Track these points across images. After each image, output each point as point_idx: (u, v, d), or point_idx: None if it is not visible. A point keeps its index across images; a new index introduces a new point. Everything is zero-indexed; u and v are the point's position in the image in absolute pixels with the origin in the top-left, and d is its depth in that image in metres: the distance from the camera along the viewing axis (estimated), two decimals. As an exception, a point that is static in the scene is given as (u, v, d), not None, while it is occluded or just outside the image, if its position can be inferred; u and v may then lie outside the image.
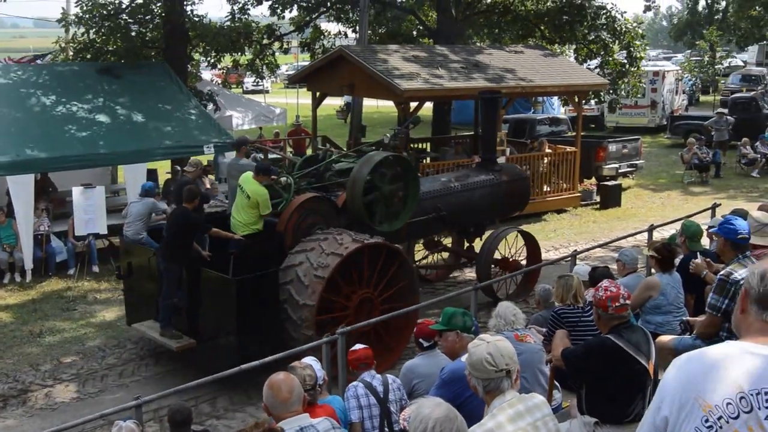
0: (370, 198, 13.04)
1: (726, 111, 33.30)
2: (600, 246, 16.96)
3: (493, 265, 15.48)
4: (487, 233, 15.87)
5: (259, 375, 8.53)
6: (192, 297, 12.10)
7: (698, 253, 9.85)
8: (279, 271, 11.68)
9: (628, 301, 6.46)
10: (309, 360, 7.64)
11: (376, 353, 8.41)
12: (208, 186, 16.00)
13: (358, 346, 8.26)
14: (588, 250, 16.58)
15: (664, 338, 8.57)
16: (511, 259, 16.06)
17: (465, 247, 16.71)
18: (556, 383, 7.94)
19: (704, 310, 8.08)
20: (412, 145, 21.73)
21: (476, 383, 4.63)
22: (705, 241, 11.31)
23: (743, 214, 9.51)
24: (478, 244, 16.12)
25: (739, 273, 7.53)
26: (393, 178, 13.38)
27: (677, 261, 10.06)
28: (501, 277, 15.06)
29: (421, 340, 8.07)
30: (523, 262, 15.99)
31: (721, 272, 7.73)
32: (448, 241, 17.62)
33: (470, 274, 16.94)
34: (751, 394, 2.94)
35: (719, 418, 2.93)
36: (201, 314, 12.06)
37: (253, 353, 9.83)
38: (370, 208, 13.06)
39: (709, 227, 11.20)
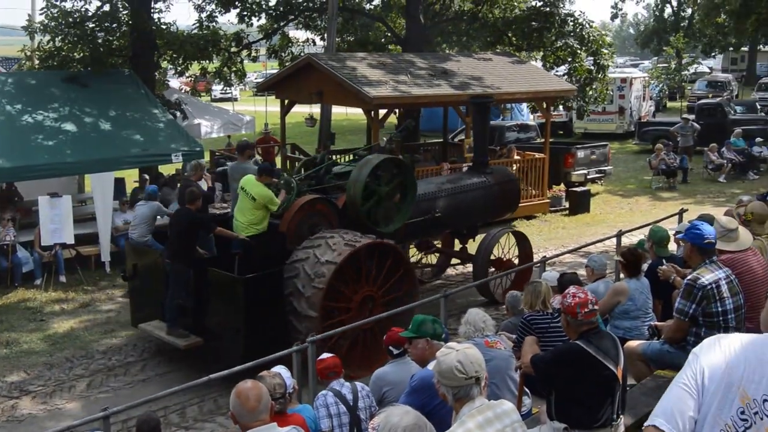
0: (369, 200, 13.33)
1: (691, 117, 33.59)
2: (569, 252, 17.01)
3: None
4: (481, 235, 16.44)
5: (229, 384, 8.50)
6: (198, 296, 12.32)
7: (664, 260, 9.91)
8: (284, 267, 11.98)
9: (596, 307, 6.47)
10: (278, 369, 7.61)
11: (374, 352, 8.39)
12: (211, 184, 16.06)
13: (326, 355, 8.23)
14: (557, 256, 16.65)
15: (633, 343, 8.61)
16: (504, 259, 16.41)
17: (459, 249, 17.19)
18: (526, 389, 7.94)
19: (672, 315, 8.12)
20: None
21: (446, 391, 4.63)
22: (673, 246, 11.37)
23: (710, 220, 9.57)
24: (471, 246, 16.73)
25: (706, 278, 7.58)
26: (390, 180, 13.72)
27: (645, 266, 10.11)
28: (490, 278, 15.30)
29: (390, 347, 8.03)
30: (516, 261, 16.32)
31: (688, 277, 7.78)
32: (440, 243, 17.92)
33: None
34: None
35: (756, 413, 2.88)
36: (207, 313, 12.31)
37: (259, 350, 9.93)
38: (369, 209, 13.34)
39: (677, 232, 11.27)
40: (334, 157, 16.00)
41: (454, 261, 18.01)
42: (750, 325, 8.01)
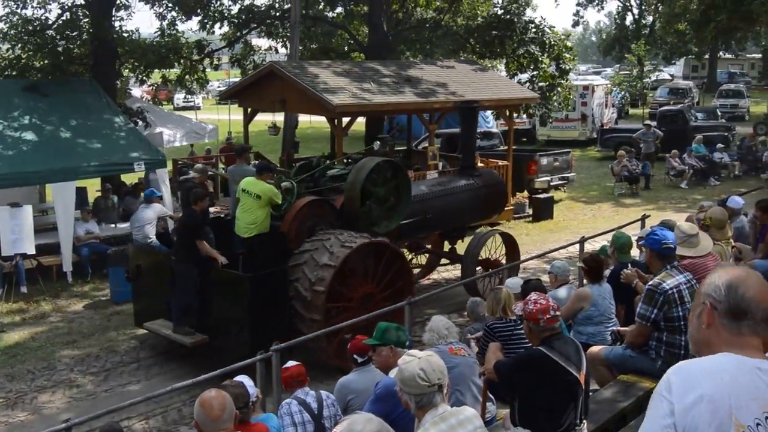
0: (366, 201, 13.73)
1: (653, 123, 33.87)
2: (533, 258, 17.07)
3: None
4: (469, 237, 17.18)
5: (193, 394, 8.45)
6: (202, 295, 12.59)
7: (629, 264, 9.97)
8: (288, 269, 12.36)
9: (558, 313, 6.50)
10: (241, 378, 7.56)
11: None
12: (211, 190, 16.19)
13: (290, 363, 8.18)
14: (521, 262, 16.69)
15: (595, 348, 8.65)
16: (492, 259, 16.80)
17: (448, 250, 17.72)
18: (491, 395, 7.93)
19: (634, 320, 8.17)
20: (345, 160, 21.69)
21: (408, 398, 4.62)
22: (636, 252, 11.44)
23: (671, 226, 9.65)
24: (460, 246, 17.37)
25: (667, 283, 7.63)
26: (386, 181, 14.11)
27: (607, 272, 10.17)
28: (473, 277, 15.48)
29: (354, 355, 8.01)
30: (504, 262, 16.77)
31: (650, 282, 7.83)
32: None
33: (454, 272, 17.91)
34: None
35: None
36: (213, 311, 12.59)
37: (264, 345, 9.99)
38: (366, 210, 13.72)
39: (639, 238, 11.34)
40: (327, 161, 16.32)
41: (443, 261, 18.47)
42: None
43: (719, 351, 3.04)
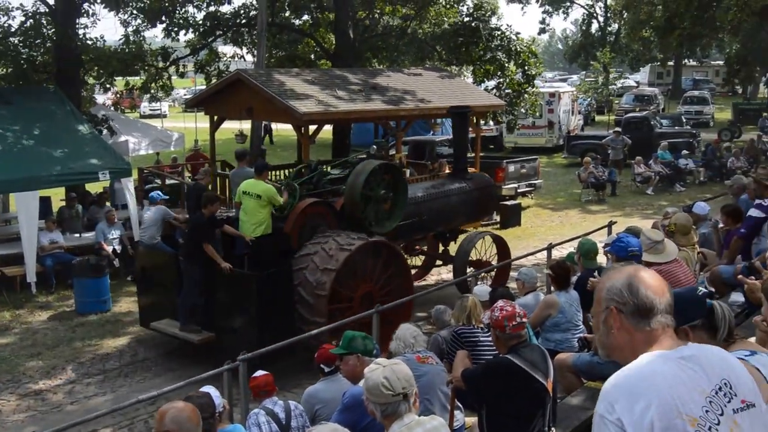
0: (365, 203, 14.26)
1: (621, 130, 34.10)
2: (500, 266, 17.08)
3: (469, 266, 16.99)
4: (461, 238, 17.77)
5: (160, 405, 8.34)
6: (208, 294, 13.08)
7: (596, 272, 9.98)
8: (293, 261, 12.95)
9: (524, 320, 6.49)
10: (207, 388, 7.48)
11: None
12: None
13: (259, 373, 8.13)
14: (489, 270, 16.70)
15: (563, 355, 8.66)
16: (483, 260, 17.50)
17: (441, 251, 18.43)
18: (459, 404, 7.91)
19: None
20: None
21: (374, 408, 4.59)
22: (603, 259, 11.46)
23: (636, 232, 9.68)
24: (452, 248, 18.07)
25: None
26: (384, 184, 14.62)
27: (574, 279, 10.18)
28: (459, 278, 15.24)
29: (321, 365, 7.96)
30: (494, 262, 17.34)
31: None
32: (424, 246, 18.78)
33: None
34: (713, 394, 2.88)
35: (709, 428, 2.83)
36: (219, 309, 13.08)
37: (271, 341, 10.56)
38: (366, 211, 14.25)
39: (605, 245, 11.37)
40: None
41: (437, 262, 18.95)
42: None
43: (634, 353, 3.05)
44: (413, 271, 17.68)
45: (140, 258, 15.06)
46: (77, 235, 19.62)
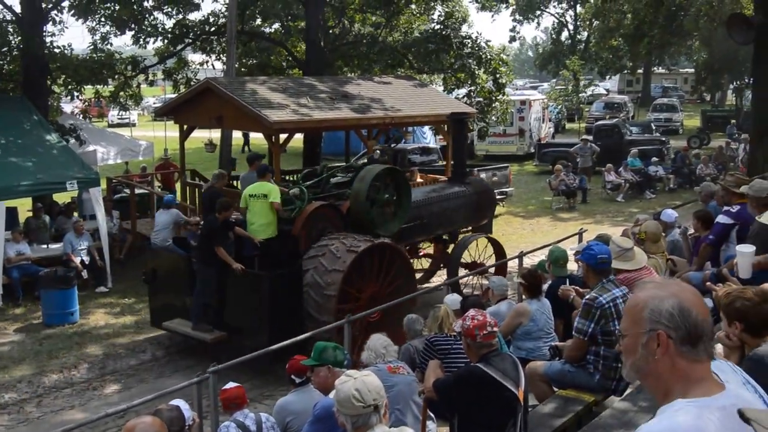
0: (370, 206, 14.80)
1: (590, 138, 34.23)
2: (472, 274, 17.08)
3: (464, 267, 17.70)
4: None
5: (129, 418, 8.23)
6: (220, 294, 13.64)
7: (567, 279, 9.98)
8: (302, 262, 13.53)
9: (495, 329, 6.47)
10: (177, 401, 7.40)
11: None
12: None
13: (230, 385, 8.06)
14: (461, 278, 16.69)
15: (534, 364, 8.63)
16: (478, 262, 18.06)
17: (443, 255, 18.77)
18: (431, 413, 7.86)
19: (572, 335, 8.17)
20: (283, 177, 21.60)
21: (345, 419, 4.55)
22: (574, 266, 11.46)
23: (607, 240, 9.68)
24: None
25: (604, 297, 7.65)
26: (388, 188, 15.23)
27: (545, 287, 10.16)
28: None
29: (292, 376, 7.91)
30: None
31: (587, 297, 7.84)
32: (427, 248, 19.57)
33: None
34: None
35: None
36: (230, 309, 13.64)
37: (281, 338, 10.99)
38: (370, 214, 14.75)
39: (576, 252, 11.36)
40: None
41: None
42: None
43: (673, 383, 2.88)
44: (419, 275, 18.18)
45: (152, 260, 15.48)
46: (44, 246, 19.38)
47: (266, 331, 12.83)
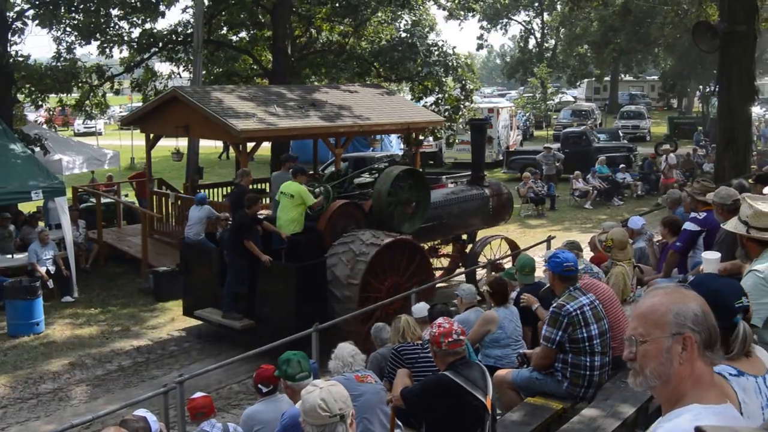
0: (392, 205, 15.59)
1: (554, 146, 34.38)
2: (441, 281, 17.07)
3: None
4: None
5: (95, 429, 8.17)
6: (250, 284, 14.42)
7: (538, 287, 9.98)
8: (328, 254, 14.37)
9: (462, 337, 6.44)
10: (142, 412, 7.32)
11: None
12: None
13: (197, 395, 7.99)
14: (429, 285, 16.65)
15: (502, 372, 8.61)
16: (495, 262, 17.92)
17: (462, 254, 19.54)
18: (399, 422, 7.82)
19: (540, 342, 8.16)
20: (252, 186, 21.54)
21: (311, 429, 4.49)
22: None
23: (576, 246, 9.70)
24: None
25: (570, 305, 7.65)
26: (408, 188, 16.00)
27: (514, 294, 10.16)
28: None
29: (259, 385, 7.86)
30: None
31: (554, 305, 7.84)
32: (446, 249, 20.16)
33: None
34: None
35: None
36: (259, 299, 14.45)
37: (307, 326, 11.42)
38: (392, 212, 15.54)
39: (545, 260, 11.37)
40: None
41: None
42: (615, 344, 8.15)
43: (685, 391, 2.87)
44: (438, 273, 18.67)
45: (186, 253, 16.44)
46: (9, 256, 19.17)
47: (293, 318, 13.48)
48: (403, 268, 14.94)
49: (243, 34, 33.05)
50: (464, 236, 19.49)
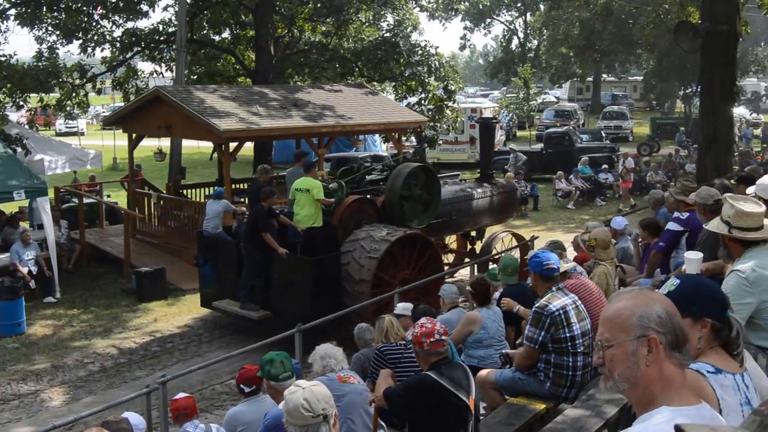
0: (403, 200, 15.99)
1: (516, 147, 34.50)
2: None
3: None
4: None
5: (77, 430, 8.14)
6: (266, 276, 14.86)
7: (526, 287, 9.98)
8: (342, 248, 14.75)
9: (444, 337, 6.45)
10: (129, 415, 7.31)
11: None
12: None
13: (180, 395, 7.97)
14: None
15: (485, 372, 8.61)
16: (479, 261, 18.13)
17: (468, 249, 20.00)
18: (382, 422, 7.82)
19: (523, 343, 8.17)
20: (234, 186, 21.48)
21: (294, 430, 4.49)
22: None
23: (560, 246, 9.72)
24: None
25: (553, 304, 7.66)
26: (419, 184, 16.44)
27: (497, 294, 10.16)
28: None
29: (242, 385, 7.84)
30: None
31: (536, 305, 7.85)
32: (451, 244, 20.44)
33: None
34: None
35: None
36: (274, 290, 14.87)
37: (321, 316, 12.26)
38: (403, 208, 15.93)
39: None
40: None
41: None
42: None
43: (656, 393, 2.87)
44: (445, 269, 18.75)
45: (203, 247, 16.72)
46: (-10, 256, 19.09)
47: (309, 309, 13.72)
48: (414, 261, 15.32)
49: (226, 33, 33.00)
50: (473, 233, 19.81)
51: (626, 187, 29.99)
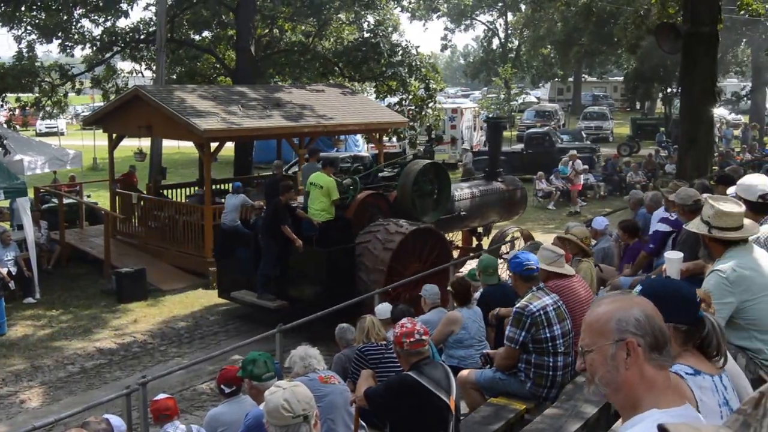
0: (415, 196, 16.58)
1: (469, 148, 34.62)
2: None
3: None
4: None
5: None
6: (283, 267, 15.38)
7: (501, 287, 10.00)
8: (356, 241, 15.23)
9: (424, 337, 6.45)
10: (110, 416, 7.28)
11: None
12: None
13: (161, 396, 7.94)
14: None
15: (466, 372, 8.62)
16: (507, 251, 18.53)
17: (474, 245, 20.69)
18: (363, 423, 7.82)
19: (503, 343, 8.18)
20: (214, 186, 21.44)
21: (274, 430, 4.49)
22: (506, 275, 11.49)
23: (538, 247, 9.73)
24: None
25: (534, 305, 7.67)
26: (431, 180, 17.18)
27: (477, 295, 10.17)
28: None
29: (222, 386, 7.82)
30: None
31: (517, 305, 7.86)
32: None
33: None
34: None
35: None
36: (291, 281, 15.40)
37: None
38: (415, 203, 16.55)
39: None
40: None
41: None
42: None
43: (640, 396, 2.86)
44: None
45: (221, 239, 17.33)
46: (-31, 257, 18.95)
47: (324, 299, 14.12)
48: (426, 254, 15.65)
49: (206, 33, 32.93)
50: (480, 229, 20.45)
51: (575, 189, 29.89)
